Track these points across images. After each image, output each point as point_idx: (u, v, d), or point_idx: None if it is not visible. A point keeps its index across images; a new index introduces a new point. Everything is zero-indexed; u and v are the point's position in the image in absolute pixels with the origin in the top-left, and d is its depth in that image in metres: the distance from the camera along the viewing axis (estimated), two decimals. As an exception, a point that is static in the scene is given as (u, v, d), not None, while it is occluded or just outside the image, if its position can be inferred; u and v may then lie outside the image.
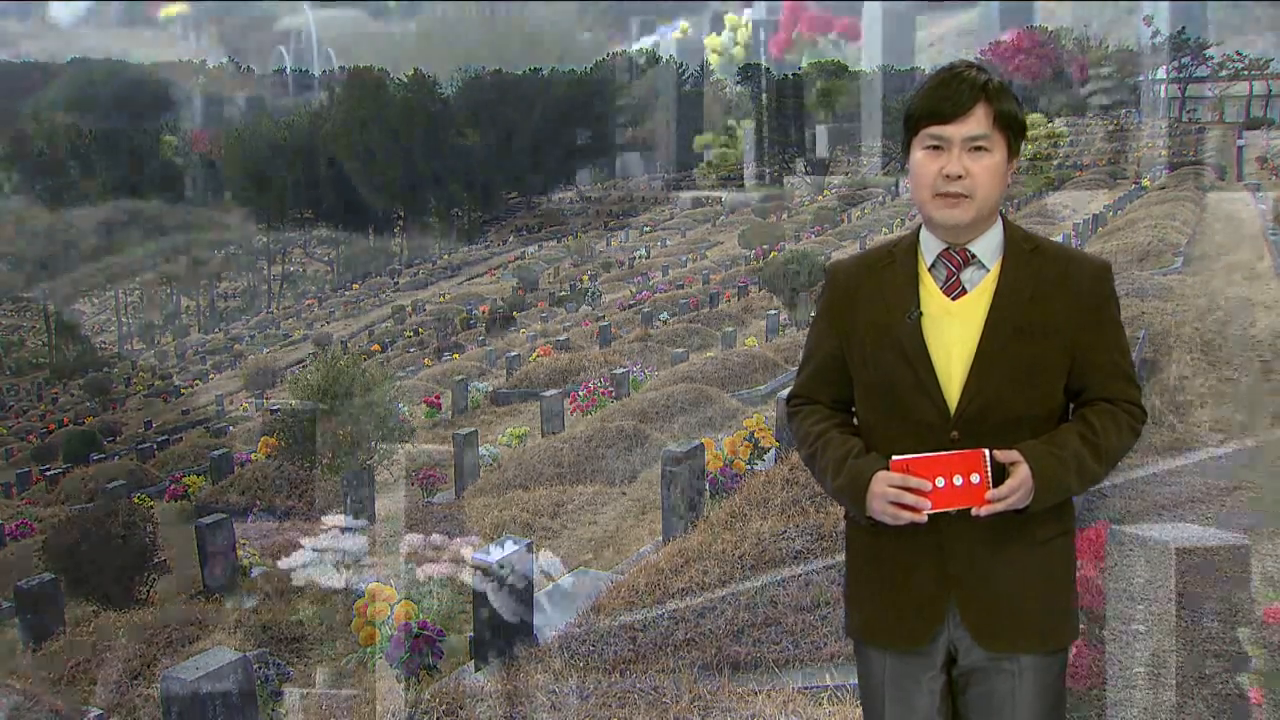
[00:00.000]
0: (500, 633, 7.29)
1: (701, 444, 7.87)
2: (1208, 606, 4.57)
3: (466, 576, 7.15)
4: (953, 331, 4.14)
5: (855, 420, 4.29)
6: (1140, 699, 4.65)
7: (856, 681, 4.48)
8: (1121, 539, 4.72)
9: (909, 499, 4.04)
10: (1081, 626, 4.91)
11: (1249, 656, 4.33)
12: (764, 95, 15.89)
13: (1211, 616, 4.57)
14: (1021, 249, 4.19)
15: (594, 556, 7.70)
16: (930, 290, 4.17)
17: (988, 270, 4.17)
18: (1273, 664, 2.57)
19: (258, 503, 13.45)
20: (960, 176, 4.07)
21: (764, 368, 8.83)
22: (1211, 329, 7.91)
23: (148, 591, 11.35)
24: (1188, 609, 4.55)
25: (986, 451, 4.06)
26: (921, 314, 4.15)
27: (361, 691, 8.16)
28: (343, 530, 8.19)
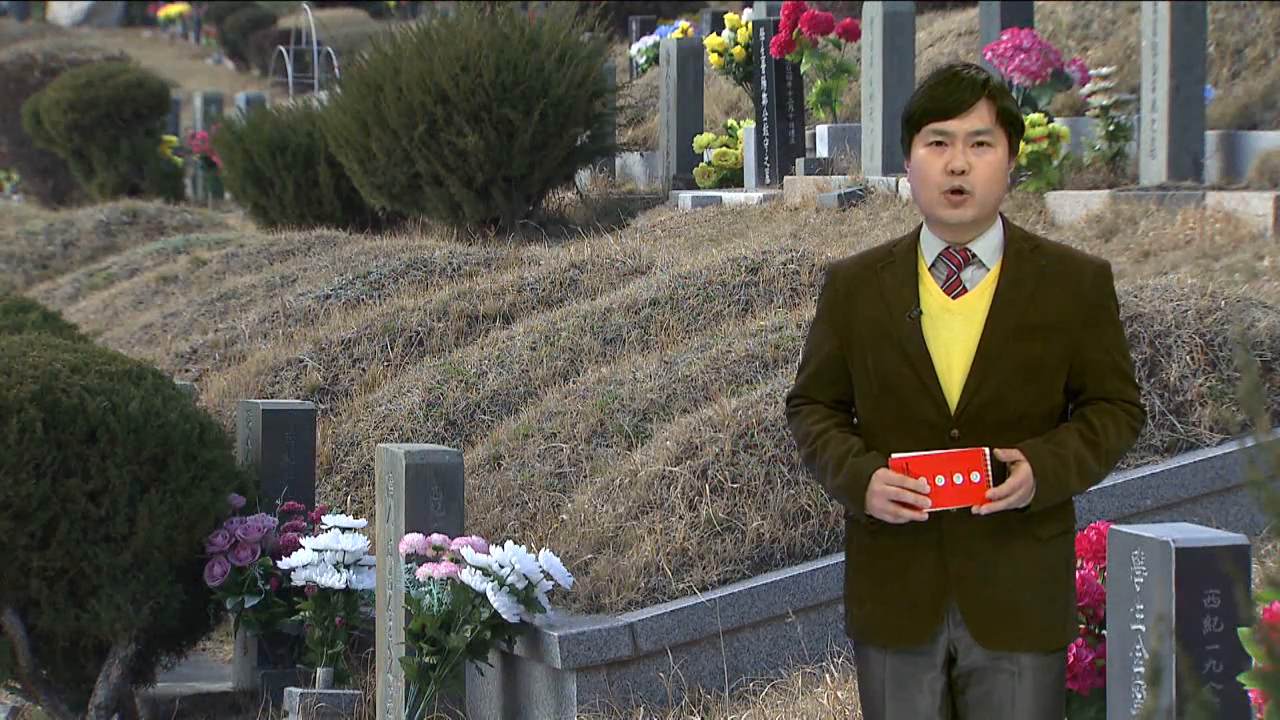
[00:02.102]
0: (500, 633, 7.29)
1: (701, 443, 7.87)
2: (1208, 606, 4.57)
3: (467, 576, 7.14)
4: (953, 330, 4.15)
5: (855, 420, 4.29)
6: (1140, 699, 4.65)
7: (856, 682, 4.48)
8: (1121, 539, 4.72)
9: (909, 498, 4.05)
10: (1081, 626, 4.91)
11: (1249, 656, 4.33)
12: (764, 95, 15.93)
13: (1211, 617, 4.57)
14: (1022, 248, 4.19)
15: (594, 556, 7.70)
16: (930, 289, 4.17)
17: (988, 269, 4.17)
18: (1273, 664, 2.57)
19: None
20: (965, 171, 4.07)
21: (764, 367, 8.82)
22: (1211, 329, 7.90)
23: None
24: (1188, 609, 4.55)
25: (987, 450, 4.06)
26: (922, 313, 4.15)
27: (361, 692, 8.15)
28: (343, 530, 8.18)
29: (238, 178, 19.80)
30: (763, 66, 16.07)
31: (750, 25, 17.33)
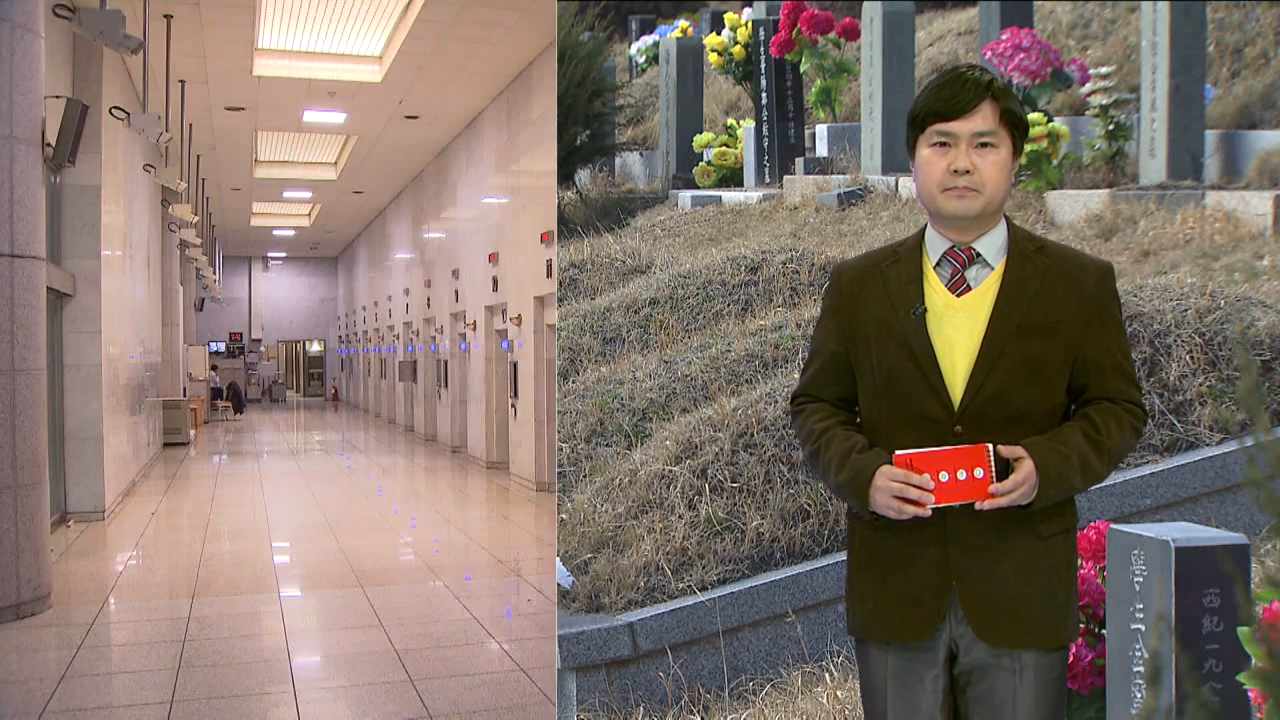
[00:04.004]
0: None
1: (701, 443, 7.87)
2: (1207, 606, 4.57)
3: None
4: (957, 327, 4.16)
5: (859, 419, 4.30)
6: (1140, 699, 4.65)
7: (856, 681, 4.48)
8: (1121, 538, 4.73)
9: (913, 493, 4.06)
10: (1081, 626, 4.91)
11: (1249, 656, 4.34)
12: (764, 95, 15.98)
13: (1211, 616, 4.57)
14: (1026, 249, 4.21)
15: (594, 556, 7.70)
16: (935, 287, 4.19)
17: (993, 268, 4.19)
18: (1273, 663, 2.58)
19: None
20: (968, 171, 4.09)
21: (764, 367, 8.82)
22: (1211, 328, 7.91)
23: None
24: (1187, 608, 4.56)
25: (990, 446, 4.07)
26: (926, 309, 4.16)
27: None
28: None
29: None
30: (762, 66, 16.09)
31: (750, 25, 17.34)
